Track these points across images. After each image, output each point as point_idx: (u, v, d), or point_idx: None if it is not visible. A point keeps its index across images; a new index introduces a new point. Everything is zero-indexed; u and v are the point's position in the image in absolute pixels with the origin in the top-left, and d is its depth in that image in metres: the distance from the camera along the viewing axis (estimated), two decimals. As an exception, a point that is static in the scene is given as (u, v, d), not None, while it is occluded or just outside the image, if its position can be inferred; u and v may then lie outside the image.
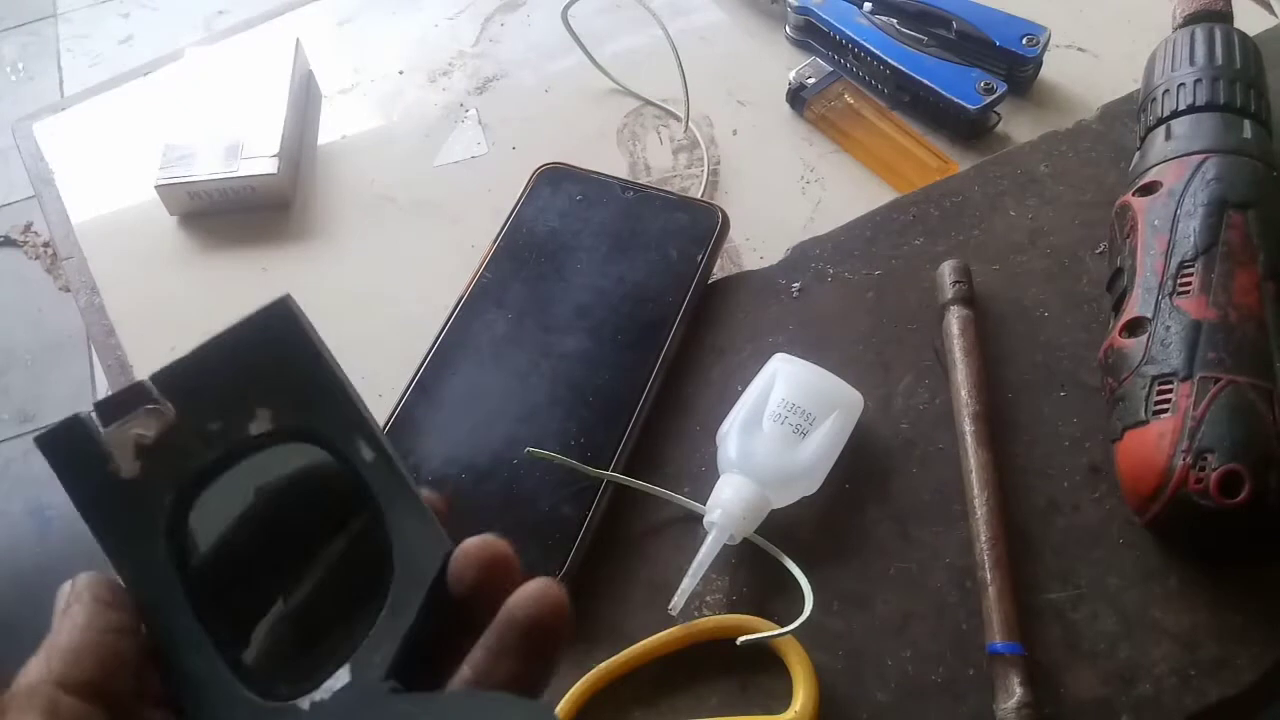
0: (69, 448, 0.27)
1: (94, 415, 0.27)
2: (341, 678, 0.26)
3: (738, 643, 0.43)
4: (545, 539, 0.46)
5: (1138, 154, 0.53)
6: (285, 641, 0.27)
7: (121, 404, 0.27)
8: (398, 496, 0.28)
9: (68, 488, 0.27)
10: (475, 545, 0.27)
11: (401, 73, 0.69)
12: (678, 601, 0.43)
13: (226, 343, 0.28)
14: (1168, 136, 0.51)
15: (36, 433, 0.28)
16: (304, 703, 0.26)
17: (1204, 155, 0.49)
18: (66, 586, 0.27)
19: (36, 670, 0.25)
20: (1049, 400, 0.50)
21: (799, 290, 0.55)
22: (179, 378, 0.28)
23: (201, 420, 0.28)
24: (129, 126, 0.68)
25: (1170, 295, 0.45)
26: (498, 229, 0.56)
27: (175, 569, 0.27)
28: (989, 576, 0.44)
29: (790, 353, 0.50)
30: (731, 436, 0.47)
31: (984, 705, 0.42)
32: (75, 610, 0.26)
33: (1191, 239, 0.46)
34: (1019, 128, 0.61)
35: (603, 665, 0.43)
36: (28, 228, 1.79)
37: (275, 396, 0.28)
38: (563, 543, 0.45)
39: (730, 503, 0.45)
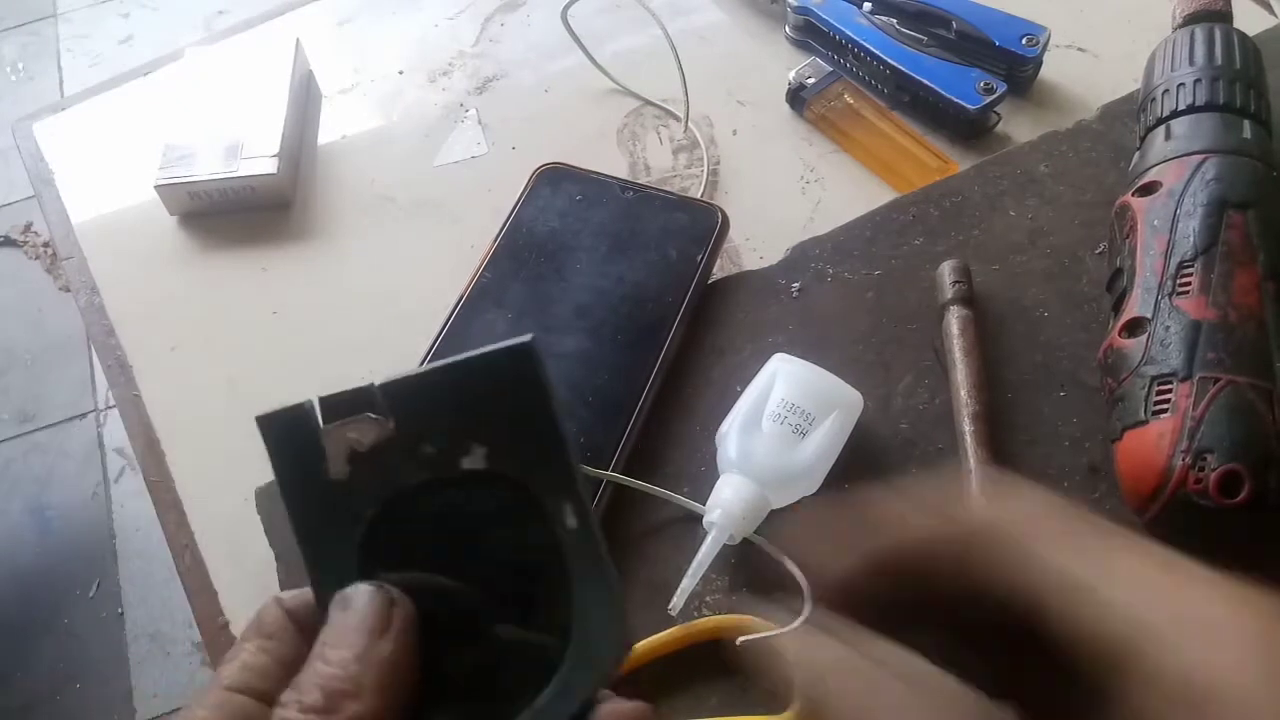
0: (289, 434, 0.27)
1: (318, 408, 0.27)
2: None
3: (738, 643, 0.43)
4: (545, 539, 0.46)
5: (1137, 154, 0.53)
6: (443, 696, 0.26)
7: (347, 404, 0.27)
8: (591, 574, 0.26)
9: (278, 471, 0.26)
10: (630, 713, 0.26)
11: (401, 73, 0.69)
12: (677, 601, 0.43)
13: (462, 369, 0.27)
14: (1167, 136, 0.51)
15: (37, 431, 0.27)
16: None
17: (1204, 155, 0.49)
18: (382, 598, 0.25)
19: (371, 691, 0.23)
20: (1049, 400, 0.50)
21: (799, 290, 0.55)
22: (407, 392, 0.27)
23: (418, 441, 0.27)
24: (129, 126, 0.68)
25: (1170, 295, 0.45)
26: (498, 229, 0.56)
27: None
28: (989, 576, 0.44)
29: (790, 353, 0.50)
30: (731, 436, 0.47)
31: (984, 705, 0.42)
32: (407, 648, 0.25)
33: (1191, 239, 0.46)
34: (1019, 128, 0.61)
35: (603, 665, 0.43)
36: (28, 228, 1.79)
37: (496, 436, 0.27)
38: (563, 543, 0.45)
39: (730, 503, 0.45)
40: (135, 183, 0.63)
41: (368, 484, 0.26)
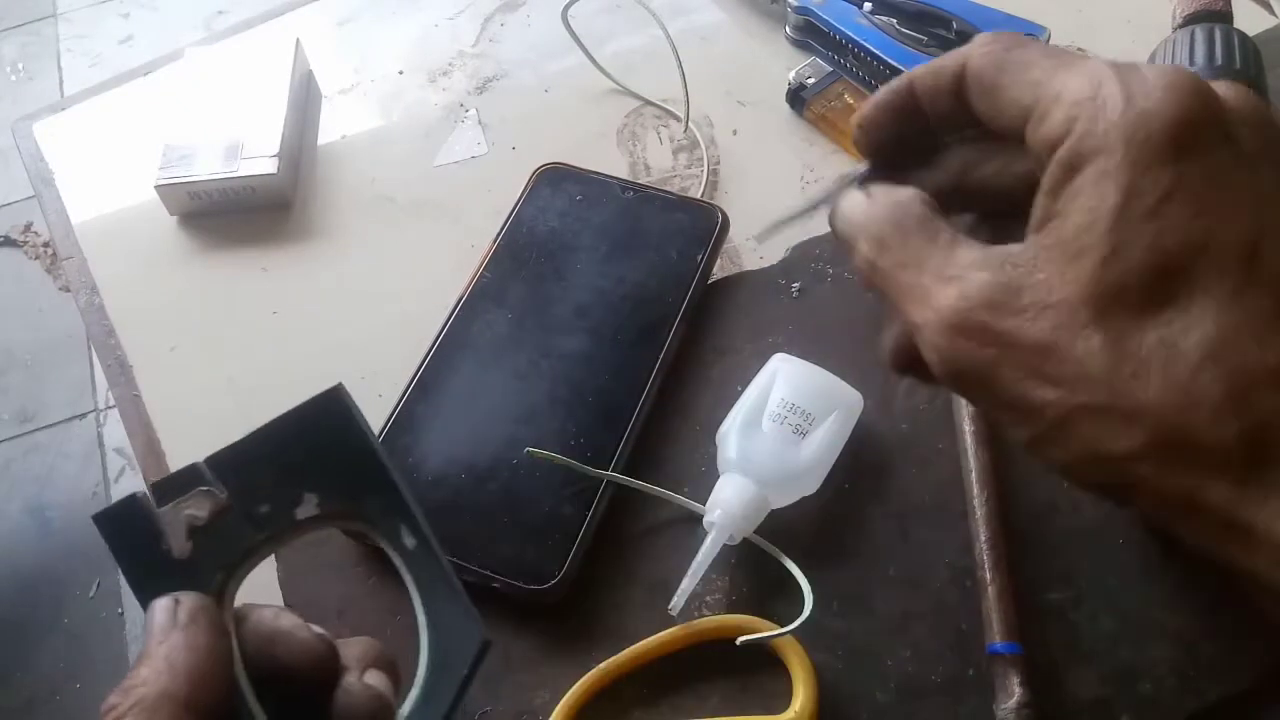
0: (125, 526, 0.28)
1: (150, 495, 0.28)
2: None
3: (738, 643, 0.43)
4: (545, 539, 0.46)
5: (1138, 154, 0.53)
6: None
7: (178, 485, 0.28)
8: (437, 585, 0.28)
9: (122, 565, 0.28)
10: None
11: (401, 73, 0.69)
12: (677, 602, 0.43)
13: (279, 429, 0.29)
14: (1168, 136, 0.51)
15: (37, 431, 0.28)
16: None
17: (1204, 155, 0.49)
18: (168, 602, 0.27)
19: (157, 684, 0.25)
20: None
21: (799, 290, 0.55)
22: (232, 461, 0.29)
23: (252, 503, 0.29)
24: (129, 126, 0.68)
25: (1170, 295, 0.45)
26: (498, 229, 0.56)
27: None
28: (989, 576, 0.44)
29: (790, 353, 0.50)
30: (731, 436, 0.47)
31: (984, 705, 0.42)
32: (195, 632, 0.26)
33: (1191, 239, 0.46)
34: (1019, 128, 0.61)
35: (603, 665, 0.43)
36: (28, 228, 1.79)
37: (323, 481, 0.29)
38: (563, 543, 0.45)
39: (730, 503, 0.45)
40: (135, 183, 0.63)
41: (213, 553, 0.28)
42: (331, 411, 0.29)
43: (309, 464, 0.29)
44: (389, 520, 0.29)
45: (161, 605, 0.27)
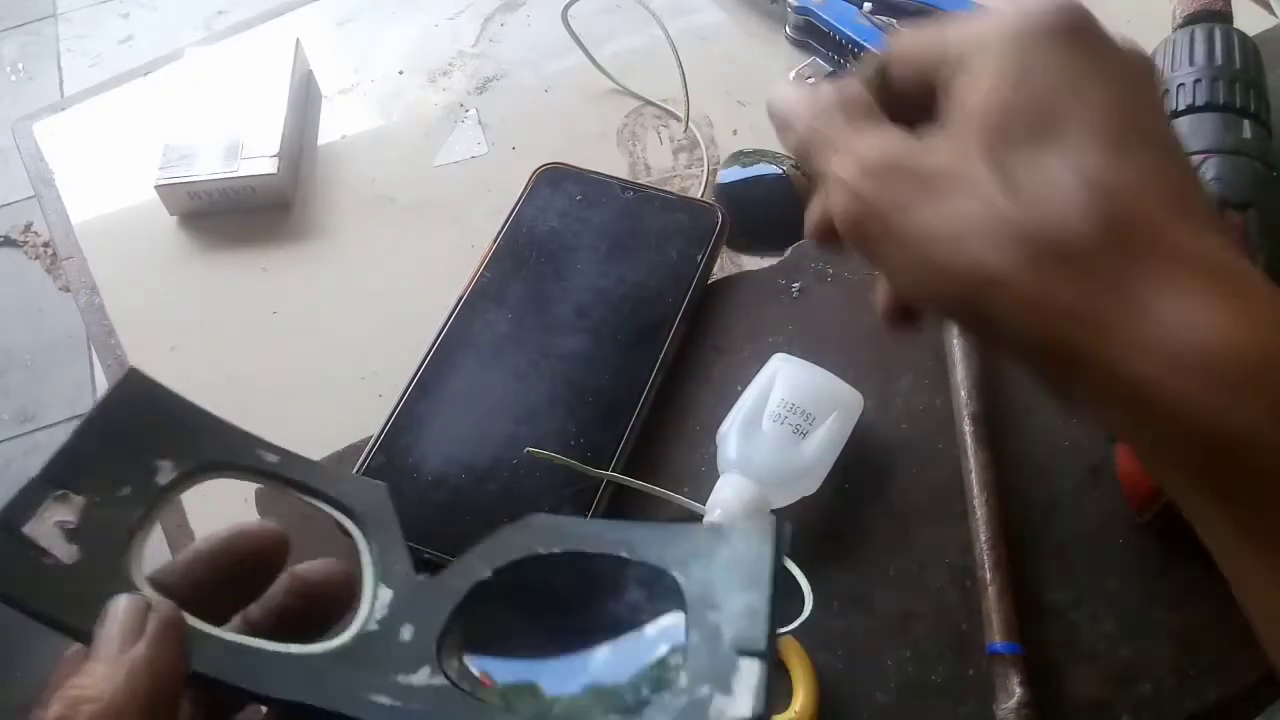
0: (3, 560, 0.27)
1: (10, 522, 0.28)
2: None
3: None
4: (545, 539, 0.46)
5: (1138, 154, 0.53)
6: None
7: (24, 505, 0.28)
8: (315, 473, 0.31)
9: (12, 593, 0.27)
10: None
11: (401, 73, 0.69)
12: (678, 601, 0.43)
13: (93, 423, 0.29)
14: (1168, 136, 0.51)
15: (37, 431, 0.28)
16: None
17: (1204, 155, 0.49)
18: (137, 604, 0.26)
19: (111, 702, 0.24)
20: (1049, 400, 0.50)
21: (799, 290, 0.55)
22: (65, 466, 0.29)
23: (110, 490, 0.29)
24: (129, 126, 0.68)
25: (1170, 295, 0.45)
26: (498, 229, 0.56)
27: None
28: (989, 576, 0.44)
29: (790, 353, 0.50)
30: (731, 436, 0.47)
31: (984, 705, 0.42)
32: (163, 651, 0.26)
33: (1191, 239, 0.46)
34: (1019, 128, 0.61)
35: (603, 665, 0.43)
36: (28, 228, 1.79)
37: (166, 446, 0.30)
38: (563, 543, 0.45)
39: (730, 503, 0.45)
40: (135, 183, 0.63)
41: (101, 547, 0.28)
42: (137, 390, 0.30)
43: (143, 439, 0.29)
44: (244, 452, 0.30)
45: (128, 606, 0.26)
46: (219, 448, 0.30)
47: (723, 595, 0.25)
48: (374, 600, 0.29)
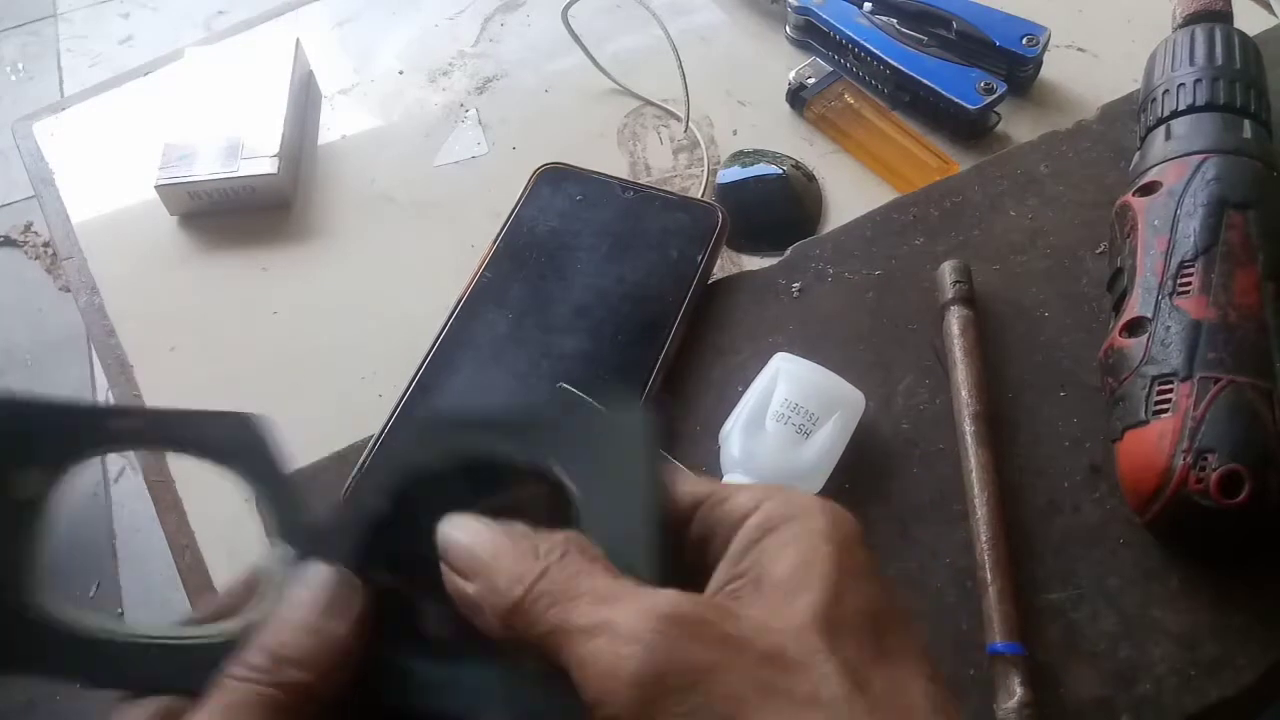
0: None
1: None
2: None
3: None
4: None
5: (1138, 154, 0.53)
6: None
7: None
8: (176, 428, 0.29)
9: None
10: None
11: (401, 73, 0.69)
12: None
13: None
14: (1168, 136, 0.51)
15: None
16: None
17: (1204, 155, 0.49)
18: (347, 579, 0.26)
19: (304, 675, 0.24)
20: (1049, 400, 0.50)
21: (799, 290, 0.55)
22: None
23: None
24: (129, 126, 0.68)
25: (1170, 295, 0.45)
26: (498, 229, 0.56)
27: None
28: (989, 576, 0.44)
29: (790, 353, 0.50)
30: (734, 436, 0.47)
31: (985, 705, 0.42)
32: (357, 635, 0.25)
33: (1191, 239, 0.46)
34: (1019, 128, 0.61)
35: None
36: (28, 228, 1.79)
37: (21, 459, 0.28)
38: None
39: (730, 503, 0.45)
40: (135, 183, 0.63)
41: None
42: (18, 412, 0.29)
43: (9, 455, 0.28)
44: (99, 430, 0.29)
45: (334, 578, 0.25)
46: (72, 437, 0.29)
47: (604, 493, 0.26)
48: (274, 561, 0.27)
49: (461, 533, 0.26)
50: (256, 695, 0.24)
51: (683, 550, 0.27)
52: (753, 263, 0.57)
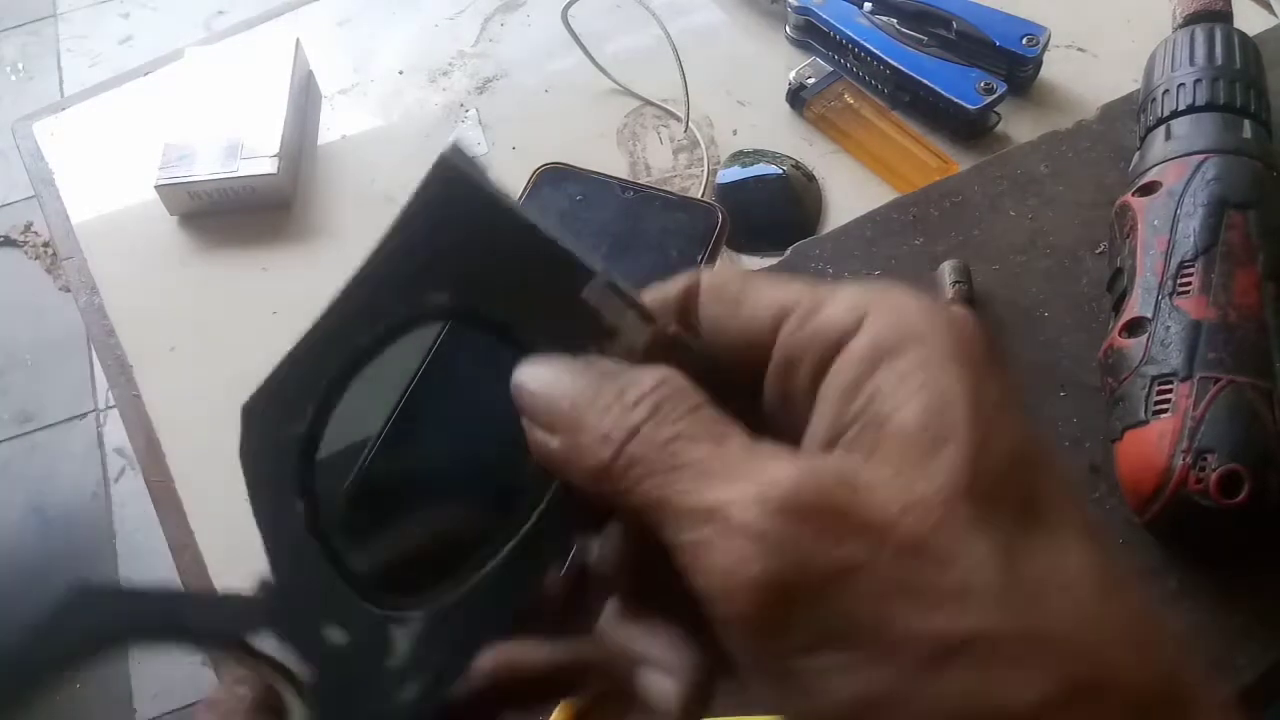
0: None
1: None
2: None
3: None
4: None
5: (1138, 154, 0.53)
6: (409, 551, 0.25)
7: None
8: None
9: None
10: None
11: (401, 73, 0.69)
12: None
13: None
14: (1168, 136, 0.51)
15: (37, 431, 0.27)
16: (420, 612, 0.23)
17: (1204, 155, 0.49)
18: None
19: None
20: (1049, 400, 0.50)
21: (799, 290, 0.55)
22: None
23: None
24: (129, 126, 0.68)
25: (1170, 295, 0.45)
26: (498, 229, 0.56)
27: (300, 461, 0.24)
28: (989, 576, 0.44)
29: (790, 353, 0.50)
30: (731, 436, 0.47)
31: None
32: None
33: (1191, 239, 0.46)
34: (1019, 128, 0.61)
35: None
36: (28, 228, 1.79)
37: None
38: (563, 543, 0.45)
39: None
40: (135, 183, 0.63)
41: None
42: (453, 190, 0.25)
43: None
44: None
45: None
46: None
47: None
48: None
49: (535, 380, 0.22)
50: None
51: (759, 380, 0.22)
52: (753, 263, 0.57)
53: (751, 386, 0.23)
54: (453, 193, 0.24)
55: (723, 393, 0.21)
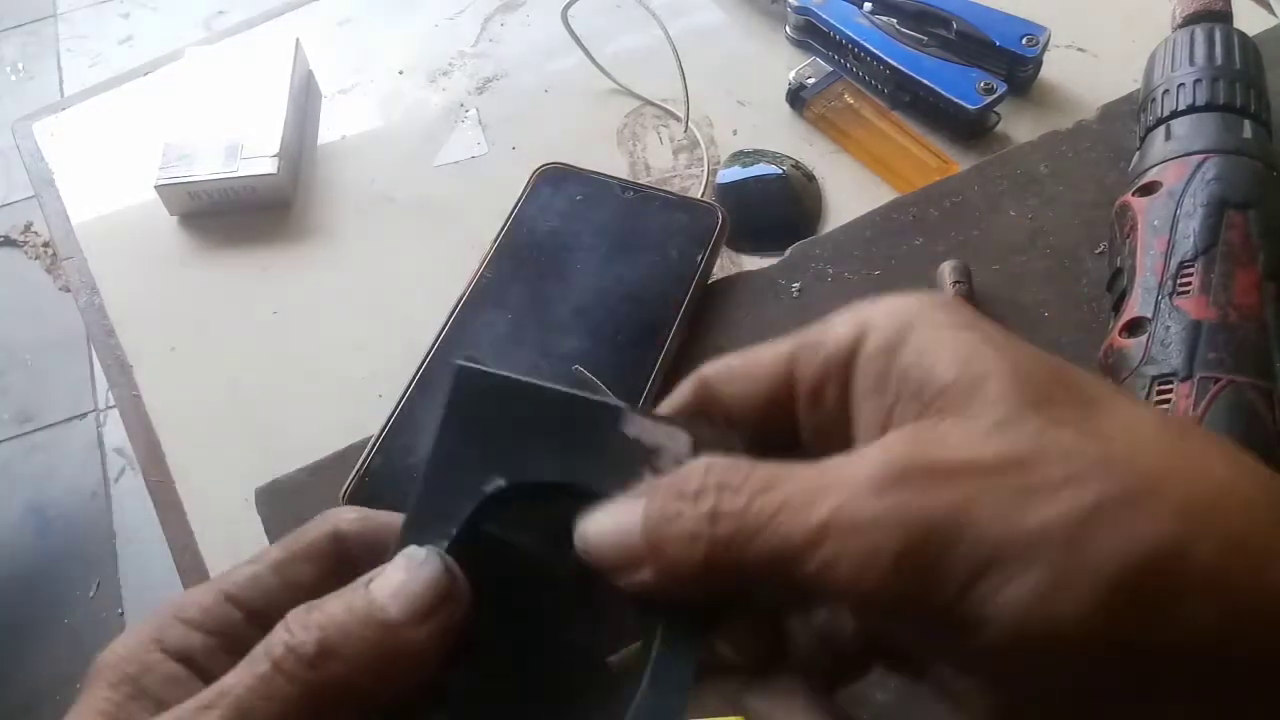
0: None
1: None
2: None
3: None
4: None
5: (1138, 154, 0.53)
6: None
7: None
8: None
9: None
10: None
11: (401, 73, 0.69)
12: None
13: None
14: (1168, 136, 0.51)
15: (37, 431, 0.27)
16: None
17: (1204, 155, 0.49)
18: (446, 578, 0.23)
19: (349, 666, 0.22)
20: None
21: (799, 290, 0.55)
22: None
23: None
24: (129, 126, 0.68)
25: (1170, 295, 0.45)
26: (498, 229, 0.56)
27: None
28: (989, 576, 0.44)
29: (790, 353, 0.50)
30: (731, 436, 0.47)
31: (984, 705, 0.42)
32: (436, 638, 0.22)
33: (1191, 239, 0.46)
34: (1019, 128, 0.61)
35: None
36: (28, 228, 1.79)
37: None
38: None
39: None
40: (135, 183, 0.63)
41: (503, 459, 0.25)
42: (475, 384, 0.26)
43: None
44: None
45: (435, 576, 0.23)
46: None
47: None
48: None
49: (595, 534, 0.23)
50: (283, 689, 0.21)
51: (794, 428, 0.24)
52: (753, 263, 0.57)
53: (788, 438, 0.24)
54: (473, 389, 0.25)
55: (765, 455, 0.22)
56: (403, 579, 0.23)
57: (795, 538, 0.20)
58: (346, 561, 0.26)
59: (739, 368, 0.25)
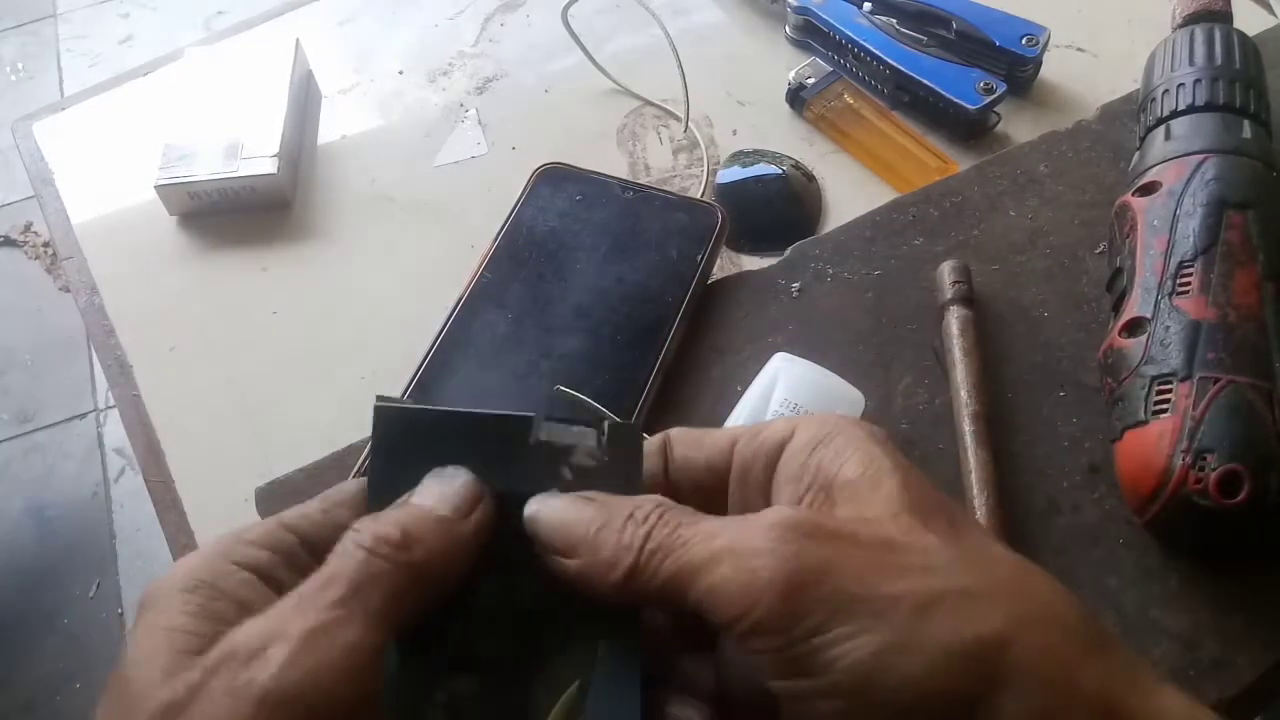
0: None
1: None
2: None
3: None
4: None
5: (1137, 154, 0.53)
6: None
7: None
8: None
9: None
10: None
11: (401, 73, 0.69)
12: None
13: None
14: (1167, 136, 0.51)
15: (37, 431, 0.28)
16: None
17: (1203, 155, 0.49)
18: (477, 484, 0.27)
19: (432, 555, 0.26)
20: (1049, 400, 0.50)
21: (799, 290, 0.55)
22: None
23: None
24: (129, 126, 0.68)
25: (1170, 295, 0.45)
26: (498, 229, 0.56)
27: None
28: (989, 576, 0.44)
29: (790, 353, 0.50)
30: (731, 436, 0.47)
31: (984, 705, 0.42)
32: (466, 544, 0.27)
33: (1191, 239, 0.46)
34: (1019, 128, 0.61)
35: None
36: (28, 228, 1.79)
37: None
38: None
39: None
40: (135, 183, 0.63)
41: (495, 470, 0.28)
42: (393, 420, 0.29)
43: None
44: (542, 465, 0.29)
45: (469, 483, 0.27)
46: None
47: None
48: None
49: (551, 513, 0.27)
50: (383, 567, 0.25)
51: (724, 491, 0.29)
52: (752, 263, 0.57)
53: (716, 502, 0.29)
54: (393, 425, 0.28)
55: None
56: (442, 488, 0.27)
57: (697, 559, 0.25)
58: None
59: (694, 438, 0.30)
